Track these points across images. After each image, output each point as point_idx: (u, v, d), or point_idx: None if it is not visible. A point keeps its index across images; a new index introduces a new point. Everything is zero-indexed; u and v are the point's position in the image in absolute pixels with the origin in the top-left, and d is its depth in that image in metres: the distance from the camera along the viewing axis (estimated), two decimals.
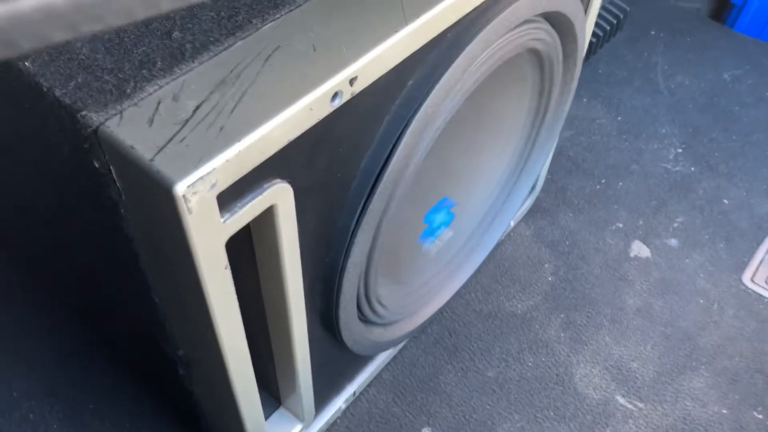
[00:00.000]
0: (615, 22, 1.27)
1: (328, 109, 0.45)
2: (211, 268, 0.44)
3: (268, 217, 0.47)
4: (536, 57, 0.71)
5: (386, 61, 0.48)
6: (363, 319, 0.70)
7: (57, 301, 0.88)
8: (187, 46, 0.45)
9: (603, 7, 1.28)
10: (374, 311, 0.69)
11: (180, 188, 0.37)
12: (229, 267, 0.45)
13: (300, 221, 0.50)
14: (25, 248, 0.82)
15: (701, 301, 0.94)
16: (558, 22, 0.67)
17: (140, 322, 0.62)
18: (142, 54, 0.44)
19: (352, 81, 0.45)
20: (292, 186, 0.46)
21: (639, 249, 1.00)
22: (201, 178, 0.38)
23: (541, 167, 0.88)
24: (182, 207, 0.38)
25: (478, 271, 0.96)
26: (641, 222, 1.03)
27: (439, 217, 0.82)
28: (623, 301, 0.94)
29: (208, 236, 0.42)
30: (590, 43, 1.24)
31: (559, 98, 0.80)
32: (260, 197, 0.44)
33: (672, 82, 1.26)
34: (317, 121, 0.45)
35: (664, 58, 1.31)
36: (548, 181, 1.08)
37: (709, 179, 1.10)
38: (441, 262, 0.83)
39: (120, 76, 0.43)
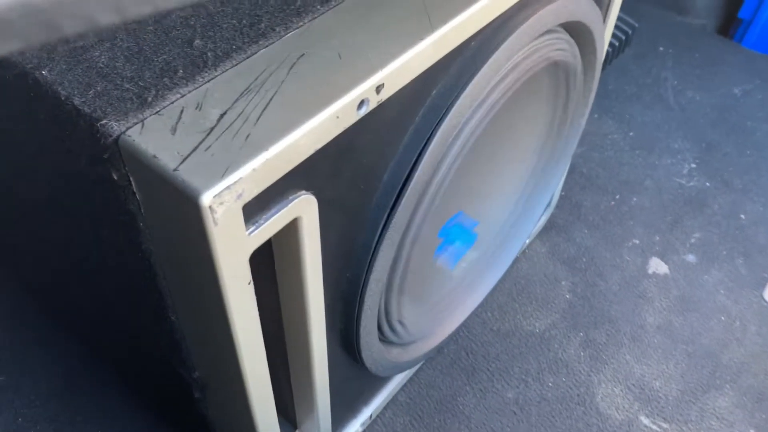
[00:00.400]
0: (624, 38, 1.27)
1: (354, 117, 0.43)
2: (234, 283, 0.42)
3: (291, 229, 0.45)
4: (556, 69, 0.69)
5: (413, 69, 0.46)
6: (382, 339, 0.68)
7: (67, 322, 0.86)
8: (209, 54, 0.44)
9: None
10: (394, 330, 0.67)
11: (206, 199, 0.36)
12: (252, 282, 0.44)
13: (323, 235, 0.48)
14: (35, 266, 0.80)
15: (723, 318, 0.92)
16: (578, 32, 0.66)
17: (154, 342, 0.60)
18: (163, 62, 0.43)
19: (378, 89, 0.44)
20: (317, 198, 0.45)
21: (657, 266, 0.98)
22: (228, 187, 0.36)
23: (558, 182, 0.87)
24: (208, 218, 0.37)
25: (494, 289, 0.94)
26: (658, 238, 1.01)
27: (457, 235, 0.80)
28: (643, 318, 0.91)
29: (232, 249, 0.40)
30: None
31: (576, 111, 0.79)
32: (286, 209, 0.42)
33: (682, 97, 1.26)
34: (343, 129, 0.43)
35: (673, 74, 1.30)
36: (562, 197, 1.06)
37: (724, 194, 1.08)
38: (457, 280, 0.81)
39: (141, 84, 0.41)
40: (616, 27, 1.28)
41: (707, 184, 1.10)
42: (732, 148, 1.16)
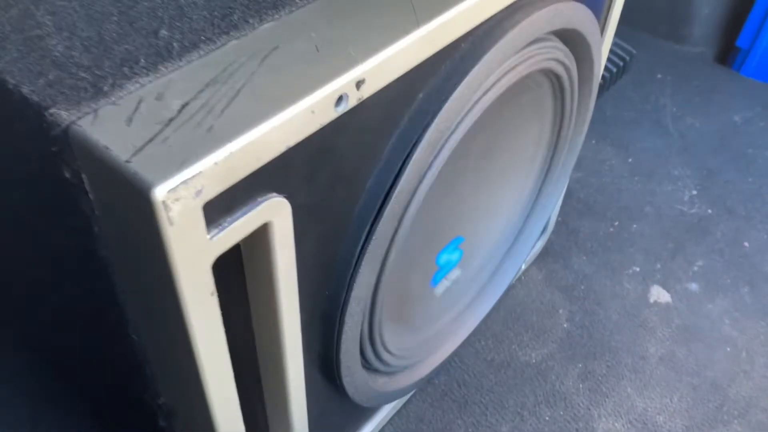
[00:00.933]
0: (622, 64, 1.25)
1: (332, 114, 0.40)
2: (195, 293, 0.38)
3: (261, 236, 0.41)
4: (552, 81, 0.66)
5: (396, 66, 0.43)
6: (366, 366, 0.64)
7: (31, 346, 0.81)
8: (175, 44, 0.40)
9: (609, 50, 1.25)
10: (379, 357, 0.63)
11: (159, 193, 0.32)
12: (216, 294, 0.39)
13: (298, 245, 0.44)
14: None
15: (728, 349, 0.87)
16: (574, 42, 0.63)
17: (117, 365, 0.55)
18: (124, 52, 0.39)
19: (359, 84, 0.40)
20: (291, 203, 0.41)
21: (658, 294, 0.94)
22: (185, 182, 0.33)
23: (554, 205, 0.83)
24: (162, 216, 0.33)
25: (488, 317, 0.90)
26: (659, 266, 0.97)
27: (450, 257, 0.76)
28: (645, 349, 0.87)
29: (192, 254, 0.36)
30: None
31: (574, 129, 0.76)
32: (254, 212, 0.38)
33: (681, 124, 1.23)
34: (319, 127, 0.39)
35: (672, 101, 1.28)
36: (559, 223, 1.03)
37: (727, 221, 1.04)
38: (449, 306, 0.77)
39: (97, 73, 0.38)
40: (614, 53, 1.26)
41: (709, 211, 1.06)
42: (734, 175, 1.13)
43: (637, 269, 0.97)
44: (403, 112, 0.47)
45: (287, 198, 0.41)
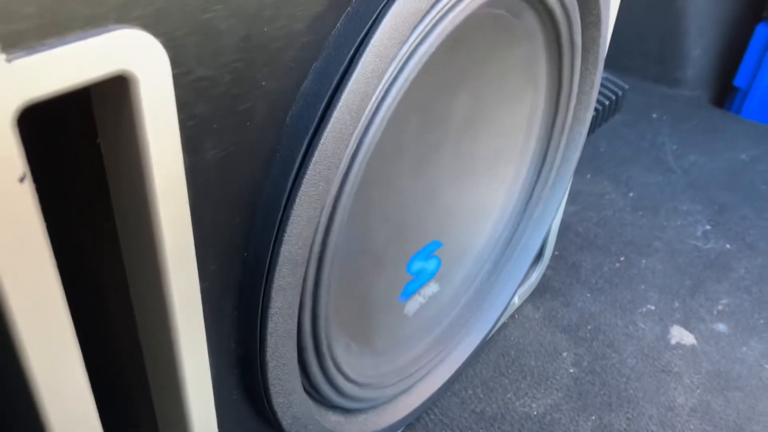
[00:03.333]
0: (614, 98, 1.14)
1: None
2: None
3: (118, 107, 0.26)
4: (550, 39, 0.53)
5: None
6: (313, 393, 0.46)
7: None
8: None
9: (600, 83, 1.15)
10: (328, 377, 0.45)
11: None
12: (30, 182, 0.23)
13: (193, 153, 0.29)
14: None
15: None
16: None
17: None
18: None
19: None
20: (172, 57, 0.26)
21: (681, 335, 0.77)
22: None
23: (554, 214, 0.68)
24: None
25: (477, 360, 0.72)
26: (677, 304, 0.82)
27: (425, 265, 0.60)
28: (672, 399, 0.69)
29: None
30: None
31: (575, 112, 0.62)
32: (94, 41, 0.23)
33: (684, 161, 1.11)
34: None
35: (671, 139, 1.17)
36: (556, 257, 0.87)
37: (749, 258, 0.90)
38: (428, 333, 0.60)
39: None
40: (606, 88, 1.16)
41: (727, 246, 0.92)
42: (749, 210, 0.99)
43: (653, 308, 0.81)
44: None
45: (165, 46, 0.25)
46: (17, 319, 0.25)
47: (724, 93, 1.31)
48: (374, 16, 0.33)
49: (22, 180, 0.23)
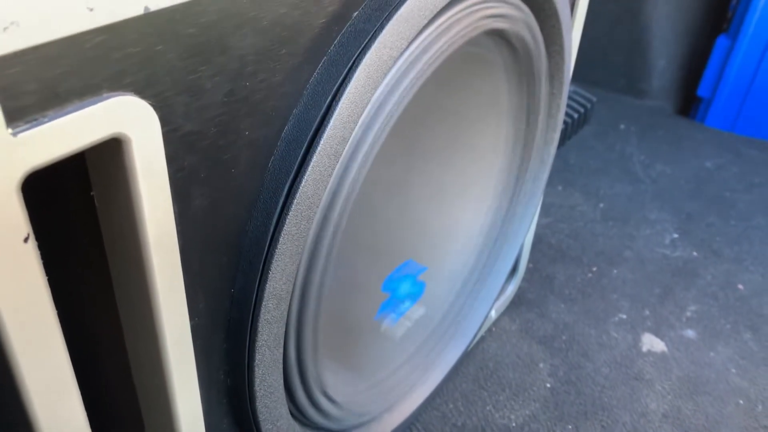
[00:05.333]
0: (582, 110, 1.17)
1: None
2: None
3: (115, 163, 0.27)
4: (517, 69, 0.56)
5: None
6: (300, 418, 0.48)
7: None
8: None
9: (568, 97, 1.19)
10: (314, 403, 0.47)
11: None
12: (33, 241, 0.25)
13: (182, 201, 0.30)
14: None
15: (741, 402, 0.73)
16: (542, 11, 0.53)
17: None
18: None
19: None
20: (161, 117, 0.28)
21: (651, 342, 0.80)
22: None
23: (526, 231, 0.71)
24: None
25: (456, 373, 0.75)
26: (647, 312, 0.85)
27: (405, 287, 0.62)
28: (644, 405, 0.72)
29: None
30: None
31: (543, 135, 0.65)
32: (91, 109, 0.25)
33: (652, 171, 1.15)
34: None
35: (638, 150, 1.20)
36: (531, 270, 0.90)
37: (716, 264, 0.93)
38: (408, 351, 0.62)
39: None
40: (574, 101, 1.19)
41: (694, 253, 0.95)
42: (715, 218, 1.03)
43: (624, 316, 0.84)
44: (331, 35, 0.35)
45: (155, 108, 0.27)
46: (20, 361, 0.27)
47: (689, 102, 1.36)
48: (349, 64, 0.35)
49: (26, 240, 0.25)
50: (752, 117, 1.26)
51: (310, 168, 0.35)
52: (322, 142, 0.35)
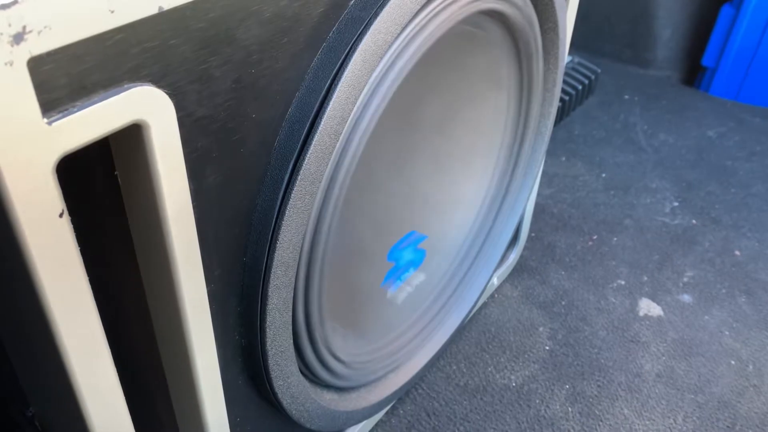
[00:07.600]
0: (587, 82, 1.19)
1: None
2: (32, 212, 0.27)
3: (135, 146, 0.31)
4: (513, 46, 0.58)
5: None
6: (309, 374, 0.52)
7: None
8: None
9: (573, 68, 1.20)
10: (322, 361, 0.51)
11: None
12: (67, 216, 0.29)
13: (196, 178, 0.34)
14: None
15: (733, 362, 0.77)
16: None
17: None
18: None
19: None
20: (176, 104, 0.31)
21: (648, 307, 0.83)
22: None
23: (525, 201, 0.74)
24: None
25: (459, 337, 0.78)
26: (645, 278, 0.88)
27: (407, 255, 0.65)
28: (639, 366, 0.76)
29: (20, 143, 0.25)
30: (563, 102, 1.15)
31: (540, 108, 0.67)
32: (114, 100, 0.28)
33: (654, 140, 1.16)
34: None
35: (642, 119, 1.22)
36: (532, 238, 0.93)
37: (714, 231, 0.96)
38: (412, 316, 0.66)
39: None
40: (579, 72, 1.21)
41: (693, 221, 0.98)
42: (715, 186, 1.05)
43: (622, 282, 0.87)
44: (330, 21, 0.38)
45: (170, 96, 0.31)
46: (61, 328, 0.31)
47: (694, 72, 1.37)
48: (346, 50, 0.38)
49: (61, 215, 0.28)
50: (756, 85, 1.27)
51: (312, 146, 0.38)
52: (322, 122, 0.38)
